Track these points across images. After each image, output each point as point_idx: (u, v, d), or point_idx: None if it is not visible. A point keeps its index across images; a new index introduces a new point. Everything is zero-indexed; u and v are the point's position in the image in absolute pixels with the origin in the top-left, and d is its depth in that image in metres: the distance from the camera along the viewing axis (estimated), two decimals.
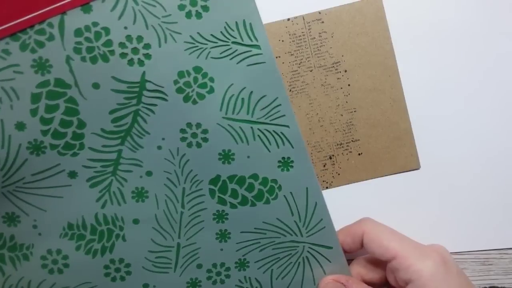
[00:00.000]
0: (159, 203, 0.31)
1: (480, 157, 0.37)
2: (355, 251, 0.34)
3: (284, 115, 0.31)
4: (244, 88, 0.30)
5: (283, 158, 0.31)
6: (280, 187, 0.32)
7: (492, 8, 0.37)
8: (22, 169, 0.28)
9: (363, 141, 0.36)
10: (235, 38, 0.29)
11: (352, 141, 0.36)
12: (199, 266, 0.33)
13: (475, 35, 0.36)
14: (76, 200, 0.30)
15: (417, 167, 0.37)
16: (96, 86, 0.28)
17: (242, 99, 0.30)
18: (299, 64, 0.35)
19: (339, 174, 0.37)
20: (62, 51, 0.27)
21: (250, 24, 0.29)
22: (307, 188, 0.32)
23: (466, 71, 0.37)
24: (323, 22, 0.35)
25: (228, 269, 0.33)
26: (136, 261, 0.32)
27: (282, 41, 0.35)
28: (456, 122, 0.37)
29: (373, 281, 0.33)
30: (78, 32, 0.27)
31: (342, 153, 0.36)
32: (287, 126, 0.31)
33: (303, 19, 0.35)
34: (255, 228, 0.32)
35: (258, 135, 0.31)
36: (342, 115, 0.36)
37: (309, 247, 0.33)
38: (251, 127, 0.31)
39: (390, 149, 0.37)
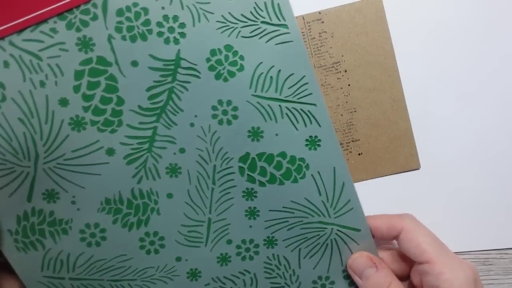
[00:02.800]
0: (191, 179, 0.32)
1: (480, 157, 0.38)
2: (384, 240, 0.35)
3: (311, 93, 0.32)
4: (273, 66, 0.31)
5: (310, 136, 0.33)
6: (307, 166, 0.33)
7: (492, 8, 0.37)
8: (63, 145, 0.30)
9: (363, 141, 0.37)
10: (264, 18, 0.31)
11: (352, 141, 0.37)
12: (229, 241, 0.34)
13: (475, 35, 0.37)
14: (113, 177, 0.31)
15: (417, 167, 0.38)
16: (134, 64, 0.30)
17: (271, 77, 0.31)
18: None
19: None
20: (104, 30, 0.29)
21: (278, 4, 0.31)
22: (334, 167, 0.33)
23: (466, 71, 0.37)
24: (323, 22, 0.36)
25: (257, 246, 0.34)
26: (169, 234, 0.33)
27: None
28: (456, 122, 0.37)
29: (394, 274, 0.34)
30: (119, 12, 0.29)
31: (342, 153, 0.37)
32: (314, 105, 0.32)
33: (303, 19, 0.36)
34: (283, 207, 0.34)
35: (286, 113, 0.32)
36: (342, 115, 0.37)
37: (338, 230, 0.34)
38: (279, 105, 0.32)
39: (390, 149, 0.37)
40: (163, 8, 0.30)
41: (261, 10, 0.31)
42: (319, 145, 0.33)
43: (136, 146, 0.31)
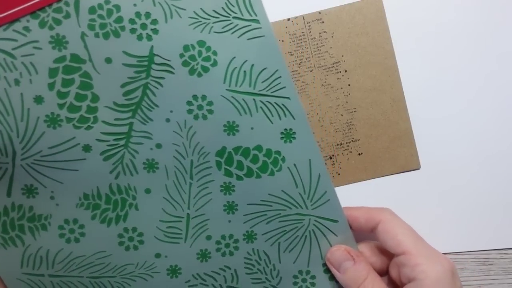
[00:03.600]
0: (169, 174, 0.33)
1: (480, 157, 0.38)
2: (362, 232, 0.35)
3: (284, 87, 0.32)
4: (246, 61, 0.32)
5: (285, 129, 0.33)
6: (283, 159, 0.33)
7: (492, 8, 0.37)
8: (40, 142, 0.31)
9: (363, 141, 0.37)
10: (236, 13, 0.31)
11: (352, 141, 0.37)
12: (208, 237, 0.34)
13: (476, 35, 0.37)
14: (90, 173, 0.32)
15: (417, 167, 0.38)
16: (108, 60, 0.30)
17: (244, 71, 0.32)
18: (299, 64, 0.36)
19: (339, 174, 0.38)
20: (77, 28, 0.30)
21: (249, 0, 0.31)
22: (310, 160, 0.33)
23: (466, 71, 0.37)
24: (323, 22, 0.36)
25: (236, 241, 0.34)
26: (148, 230, 0.33)
27: (282, 41, 0.36)
28: (456, 122, 0.38)
29: (374, 267, 0.34)
30: (91, 10, 0.30)
31: (342, 153, 0.37)
32: (288, 98, 0.32)
33: (303, 19, 0.36)
34: (261, 200, 0.34)
35: (261, 107, 0.32)
36: (342, 115, 0.37)
37: (315, 220, 0.34)
38: (254, 99, 0.32)
39: (390, 149, 0.37)
40: (135, 5, 0.30)
41: (233, 6, 0.31)
42: (294, 138, 0.33)
43: (112, 143, 0.32)
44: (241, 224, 0.34)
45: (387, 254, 0.34)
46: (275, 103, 0.32)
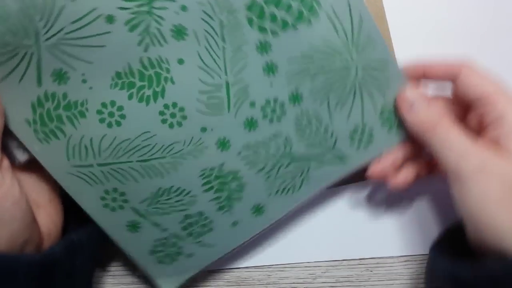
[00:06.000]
0: (199, 40, 0.31)
1: None
2: (438, 80, 0.33)
3: None
4: None
5: None
6: (319, 4, 0.30)
7: (493, 8, 0.36)
8: (60, 18, 0.28)
9: None
10: None
11: None
12: (252, 104, 0.32)
13: (476, 35, 0.36)
14: (119, 47, 0.30)
15: None
16: None
17: None
18: None
19: None
20: None
21: None
22: (348, 1, 0.30)
23: None
24: None
25: (282, 104, 0.32)
26: (189, 103, 0.31)
27: None
28: None
29: None
30: None
31: None
32: None
33: None
34: (301, 55, 0.31)
35: None
36: None
37: (363, 68, 0.32)
38: None
39: None
40: None
41: None
42: None
43: (135, 10, 0.29)
44: (284, 85, 0.32)
45: (464, 107, 0.32)
46: None
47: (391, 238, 0.38)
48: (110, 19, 0.29)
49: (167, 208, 0.33)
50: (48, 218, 0.32)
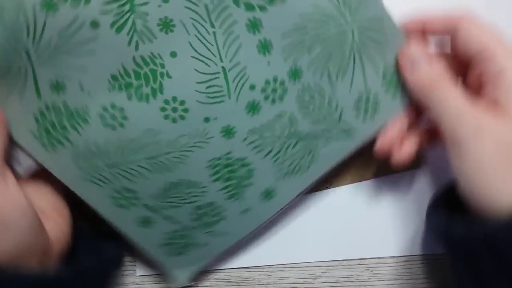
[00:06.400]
0: (188, 29, 0.30)
1: None
2: (436, 34, 0.31)
3: None
4: None
5: None
6: None
7: (493, 8, 0.35)
8: (45, 32, 0.28)
9: None
10: None
11: None
12: (252, 87, 0.32)
13: None
14: (109, 50, 0.29)
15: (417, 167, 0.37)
16: None
17: None
18: None
19: (339, 174, 0.37)
20: None
21: None
22: None
23: None
24: None
25: (282, 82, 0.32)
26: (188, 96, 0.31)
27: None
28: None
29: None
30: None
31: None
32: None
33: None
34: (293, 26, 0.30)
35: None
36: None
37: (359, 30, 0.31)
38: None
39: None
40: None
41: None
42: None
43: (117, 11, 0.29)
44: (281, 62, 0.31)
45: (464, 65, 0.31)
46: None
47: (391, 238, 0.38)
48: (94, 24, 0.29)
49: (178, 201, 0.34)
50: (56, 226, 0.32)
